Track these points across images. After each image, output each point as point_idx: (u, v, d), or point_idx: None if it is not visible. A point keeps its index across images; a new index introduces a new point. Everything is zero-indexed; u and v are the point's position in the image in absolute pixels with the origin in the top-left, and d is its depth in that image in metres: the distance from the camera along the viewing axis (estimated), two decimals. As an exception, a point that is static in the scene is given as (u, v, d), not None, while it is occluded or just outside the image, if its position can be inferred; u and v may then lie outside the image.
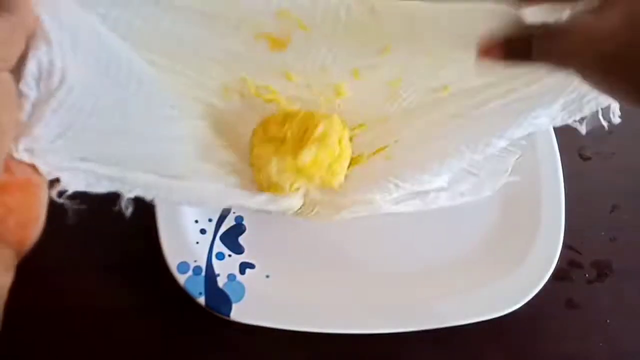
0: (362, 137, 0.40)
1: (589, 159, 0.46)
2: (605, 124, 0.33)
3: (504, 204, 0.42)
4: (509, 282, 0.39)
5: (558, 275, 0.40)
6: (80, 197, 0.43)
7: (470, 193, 0.39)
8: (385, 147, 0.39)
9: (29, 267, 0.41)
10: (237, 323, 0.38)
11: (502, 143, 0.35)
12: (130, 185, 0.28)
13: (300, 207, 0.38)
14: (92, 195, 0.43)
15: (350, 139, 0.40)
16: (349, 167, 0.39)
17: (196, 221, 0.41)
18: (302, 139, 0.37)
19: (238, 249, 0.41)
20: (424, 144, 0.38)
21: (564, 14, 0.27)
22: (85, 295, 0.41)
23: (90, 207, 0.43)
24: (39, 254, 0.42)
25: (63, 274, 0.42)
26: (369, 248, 0.42)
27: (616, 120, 0.33)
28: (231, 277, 0.40)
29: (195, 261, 0.40)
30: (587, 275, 0.42)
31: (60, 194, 0.25)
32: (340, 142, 0.38)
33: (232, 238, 0.41)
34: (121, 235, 0.42)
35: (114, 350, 0.40)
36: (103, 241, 0.42)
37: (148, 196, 0.29)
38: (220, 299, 0.39)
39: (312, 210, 0.39)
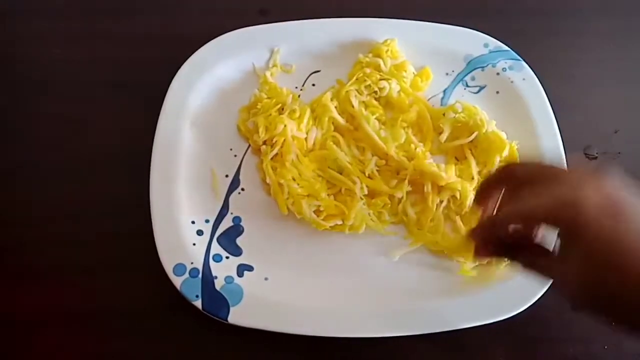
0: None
1: (594, 158, 0.45)
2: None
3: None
4: (513, 284, 0.38)
5: (563, 277, 0.40)
6: (78, 197, 0.43)
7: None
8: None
9: (26, 269, 0.41)
10: (235, 326, 0.37)
11: None
12: None
13: None
14: (90, 196, 0.43)
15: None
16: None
17: (193, 222, 0.40)
18: None
19: (236, 251, 0.40)
20: None
21: None
22: (82, 297, 0.40)
23: (88, 207, 0.43)
24: (36, 256, 0.42)
25: (60, 276, 0.41)
26: (369, 250, 0.41)
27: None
28: (229, 279, 0.39)
29: (191, 263, 0.39)
30: (592, 277, 0.41)
31: None
32: None
33: (229, 240, 0.40)
34: (118, 237, 0.41)
35: (111, 352, 0.39)
36: (99, 243, 0.41)
37: None
38: (217, 302, 0.38)
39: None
